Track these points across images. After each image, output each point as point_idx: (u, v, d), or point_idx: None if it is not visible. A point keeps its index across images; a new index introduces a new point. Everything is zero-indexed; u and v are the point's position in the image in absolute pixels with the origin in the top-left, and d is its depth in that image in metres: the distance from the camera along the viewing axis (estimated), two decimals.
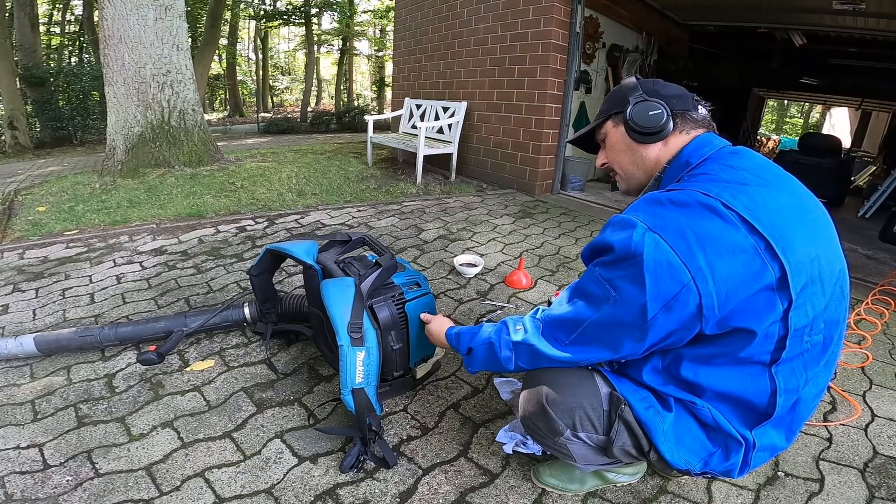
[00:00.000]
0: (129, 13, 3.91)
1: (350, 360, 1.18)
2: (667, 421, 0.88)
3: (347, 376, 1.18)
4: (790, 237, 0.76)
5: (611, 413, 0.90)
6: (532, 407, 0.96)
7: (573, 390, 0.92)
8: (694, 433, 0.88)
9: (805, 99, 12.73)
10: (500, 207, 3.72)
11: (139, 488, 1.13)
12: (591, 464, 0.99)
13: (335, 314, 1.21)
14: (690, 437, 0.88)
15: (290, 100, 25.35)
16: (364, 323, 1.21)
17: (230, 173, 4.25)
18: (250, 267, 1.63)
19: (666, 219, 0.78)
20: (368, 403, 1.19)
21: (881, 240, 3.82)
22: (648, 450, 0.90)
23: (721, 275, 0.74)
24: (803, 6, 4.83)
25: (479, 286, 2.26)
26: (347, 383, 1.18)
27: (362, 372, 1.19)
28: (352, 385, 1.19)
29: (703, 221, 0.76)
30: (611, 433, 0.90)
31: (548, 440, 0.96)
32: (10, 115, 8.45)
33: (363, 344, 1.20)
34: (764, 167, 0.86)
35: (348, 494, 1.13)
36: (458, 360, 1.67)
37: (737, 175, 0.83)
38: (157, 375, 1.55)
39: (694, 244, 0.75)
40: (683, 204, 0.79)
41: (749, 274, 0.74)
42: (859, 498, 1.18)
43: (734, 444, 0.86)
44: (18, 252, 2.62)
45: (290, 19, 17.84)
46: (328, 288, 1.27)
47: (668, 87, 0.96)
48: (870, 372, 1.74)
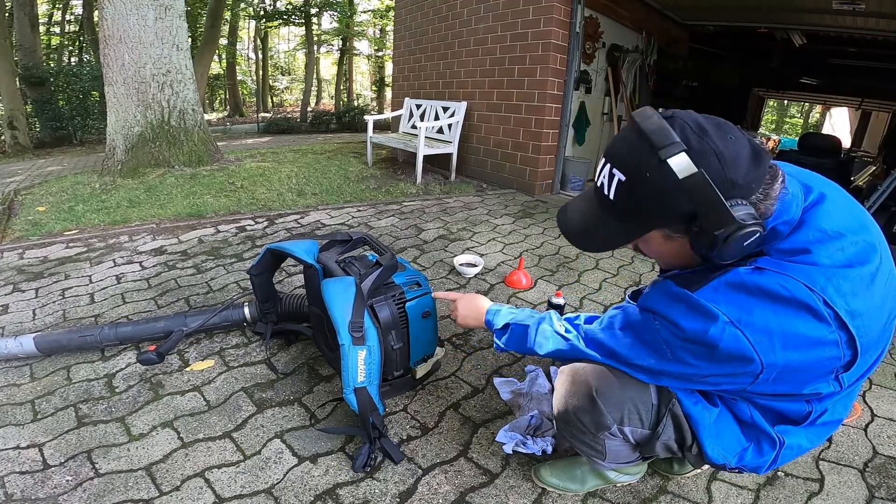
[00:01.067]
0: (129, 13, 3.91)
1: (352, 359, 1.18)
2: (713, 416, 0.88)
3: (349, 375, 1.18)
4: (871, 320, 0.71)
5: (660, 407, 0.88)
6: (578, 400, 0.92)
7: (623, 384, 0.89)
8: (731, 428, 0.88)
9: (805, 99, 12.74)
10: (500, 207, 3.72)
11: (139, 488, 1.13)
12: (618, 461, 0.97)
13: (336, 313, 1.21)
14: (728, 433, 0.88)
15: (290, 100, 25.35)
16: (365, 322, 1.21)
17: (230, 173, 4.25)
18: (251, 266, 1.63)
19: (753, 314, 0.69)
20: (371, 402, 1.19)
21: None
22: (691, 444, 0.89)
23: (792, 363, 0.70)
24: (803, 6, 4.83)
25: (479, 286, 2.26)
26: (350, 382, 1.19)
27: (364, 371, 1.19)
28: (354, 384, 1.19)
29: (796, 322, 0.68)
30: (658, 427, 0.89)
31: (586, 436, 0.94)
32: (9, 114, 8.45)
33: (364, 343, 1.19)
34: (854, 217, 0.76)
35: (348, 494, 1.13)
36: (459, 360, 1.67)
37: (836, 250, 0.71)
38: (157, 375, 1.55)
39: (777, 343, 0.69)
40: (780, 299, 0.68)
41: (820, 359, 0.71)
42: (859, 498, 1.18)
43: (767, 440, 0.86)
44: (18, 252, 2.62)
45: (289, 19, 17.84)
46: (329, 287, 1.27)
47: (731, 150, 0.67)
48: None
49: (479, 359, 1.69)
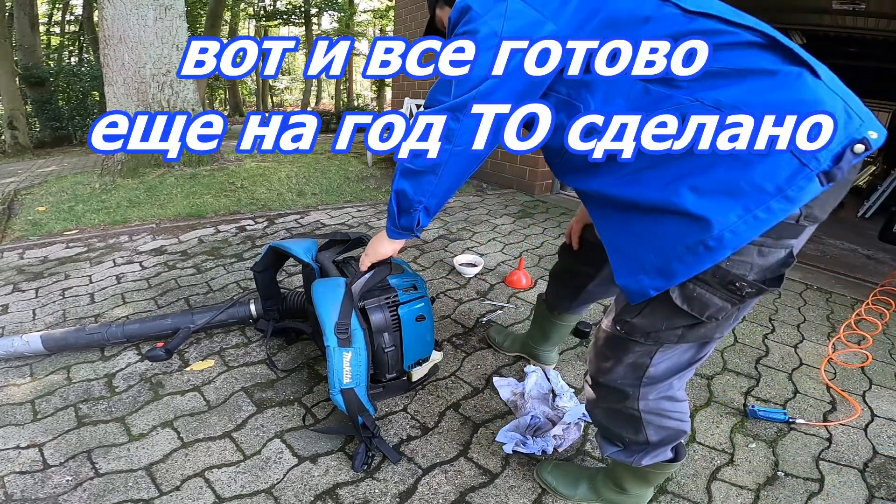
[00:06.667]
0: (129, 13, 3.91)
1: (337, 361, 1.17)
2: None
3: (335, 377, 1.18)
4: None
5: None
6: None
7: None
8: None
9: None
10: (499, 207, 3.72)
11: (139, 488, 1.13)
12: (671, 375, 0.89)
13: (323, 314, 1.20)
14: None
15: (290, 100, 25.37)
16: (352, 323, 1.20)
17: (230, 173, 4.25)
18: (254, 263, 1.64)
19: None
20: (359, 404, 1.19)
21: (881, 240, 3.83)
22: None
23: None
24: (803, 6, 4.84)
25: (479, 286, 2.26)
26: (336, 384, 1.18)
27: (350, 372, 1.19)
28: (340, 385, 1.18)
29: None
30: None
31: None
32: (9, 114, 8.46)
33: (350, 345, 1.18)
34: None
35: (348, 494, 1.13)
36: (458, 360, 1.67)
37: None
38: (157, 375, 1.55)
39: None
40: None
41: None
42: (859, 498, 1.18)
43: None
44: (18, 252, 2.62)
45: (289, 19, 17.86)
46: (317, 288, 1.27)
47: None
48: (870, 372, 1.74)
49: (478, 359, 1.69)
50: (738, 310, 0.77)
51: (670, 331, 0.81)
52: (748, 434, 1.38)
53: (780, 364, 1.76)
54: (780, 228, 0.68)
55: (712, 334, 0.81)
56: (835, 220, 5.15)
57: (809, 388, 1.62)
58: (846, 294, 2.44)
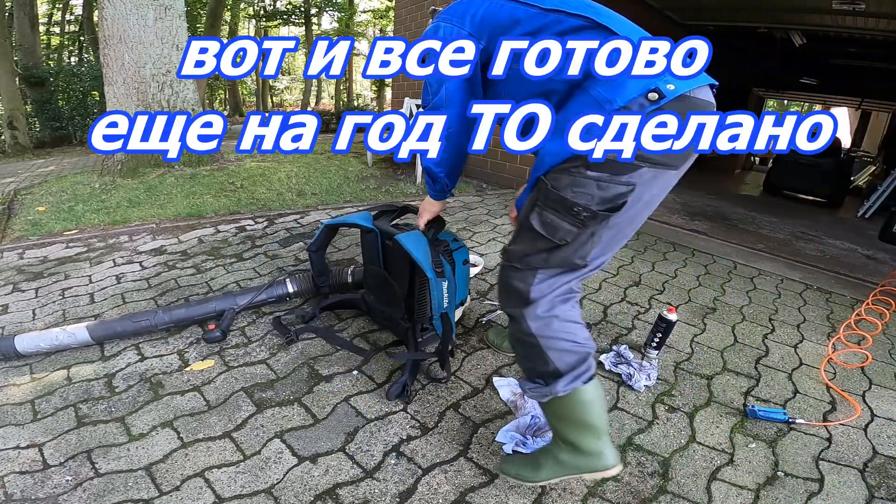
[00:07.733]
0: (129, 13, 3.91)
1: (437, 289, 1.44)
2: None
3: (436, 302, 1.45)
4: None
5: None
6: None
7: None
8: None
9: (805, 99, 12.73)
10: (499, 207, 3.72)
11: (139, 488, 1.13)
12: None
13: (419, 256, 1.44)
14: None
15: (290, 100, 25.36)
16: (441, 259, 1.49)
17: (230, 173, 4.25)
18: (310, 244, 1.89)
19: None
20: (451, 324, 1.47)
21: (881, 240, 3.83)
22: None
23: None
24: (803, 6, 4.84)
25: (479, 286, 2.26)
26: (437, 308, 1.46)
27: (447, 297, 1.47)
28: (441, 309, 1.46)
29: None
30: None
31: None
32: (9, 114, 8.46)
33: (445, 276, 1.47)
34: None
35: (348, 494, 1.13)
36: (458, 360, 1.67)
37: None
38: (157, 375, 1.55)
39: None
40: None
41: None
42: (859, 498, 1.18)
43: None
44: (18, 252, 2.62)
45: (289, 19, 17.86)
46: (406, 239, 1.49)
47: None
48: (870, 372, 1.74)
49: (478, 359, 1.69)
50: (587, 235, 0.96)
51: (536, 254, 1.01)
52: (748, 434, 1.38)
53: (779, 364, 1.76)
54: (613, 166, 0.90)
55: (572, 258, 0.99)
56: (835, 220, 5.15)
57: (809, 388, 1.62)
58: (846, 294, 2.44)
